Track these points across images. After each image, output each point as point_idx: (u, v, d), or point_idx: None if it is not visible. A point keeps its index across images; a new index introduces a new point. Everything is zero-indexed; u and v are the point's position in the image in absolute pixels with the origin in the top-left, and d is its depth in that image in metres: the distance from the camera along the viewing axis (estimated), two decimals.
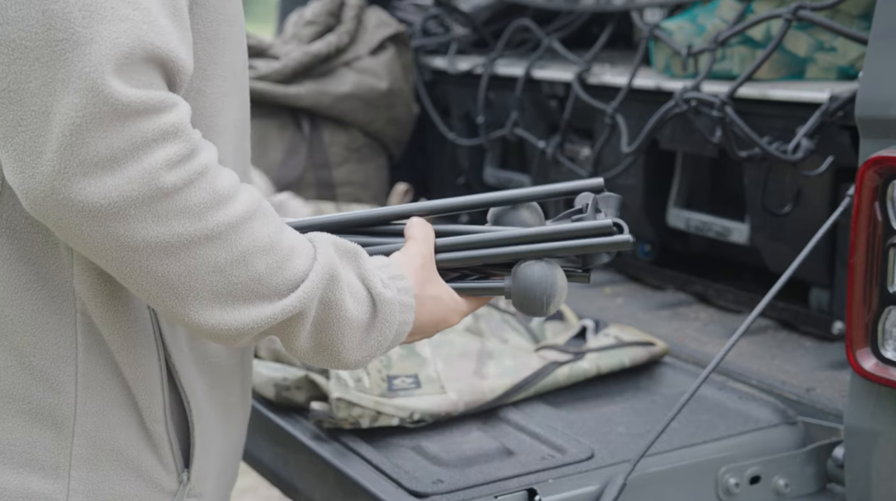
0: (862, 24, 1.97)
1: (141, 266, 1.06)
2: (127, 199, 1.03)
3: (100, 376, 1.20)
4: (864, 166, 1.46)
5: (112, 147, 1.01)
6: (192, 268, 1.08)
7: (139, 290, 1.09)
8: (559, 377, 1.82)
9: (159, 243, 1.05)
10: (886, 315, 1.48)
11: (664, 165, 2.35)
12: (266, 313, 1.13)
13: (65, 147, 1.01)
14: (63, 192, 1.02)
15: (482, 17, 2.87)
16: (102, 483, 1.22)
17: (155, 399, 1.23)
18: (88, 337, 1.19)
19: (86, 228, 1.04)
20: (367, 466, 1.57)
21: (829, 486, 1.67)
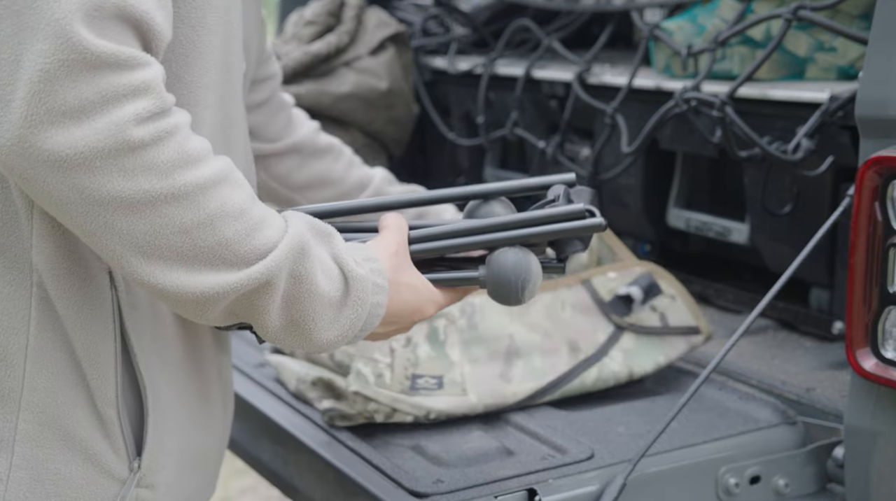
0: (862, 24, 1.97)
1: (105, 222, 1.05)
2: (93, 151, 1.02)
3: (51, 352, 1.18)
4: (864, 166, 1.46)
5: (80, 97, 1.01)
6: (157, 227, 1.06)
7: (103, 249, 1.08)
8: (586, 381, 1.80)
9: (124, 198, 1.04)
10: (886, 315, 1.48)
11: (664, 165, 2.35)
12: (231, 280, 1.10)
13: (32, 94, 1.00)
14: (30, 141, 1.01)
15: (482, 17, 2.87)
16: (47, 462, 1.20)
17: (107, 381, 1.21)
18: (42, 311, 1.17)
19: (51, 179, 1.02)
20: (367, 466, 1.57)
21: (829, 486, 1.67)
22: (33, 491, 1.19)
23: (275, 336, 1.19)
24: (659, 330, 1.87)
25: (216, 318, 1.15)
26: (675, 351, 1.88)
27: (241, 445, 1.91)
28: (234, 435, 1.92)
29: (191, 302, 1.11)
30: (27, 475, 1.19)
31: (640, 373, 1.84)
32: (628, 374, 1.83)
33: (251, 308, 1.15)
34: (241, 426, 1.89)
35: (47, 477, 1.20)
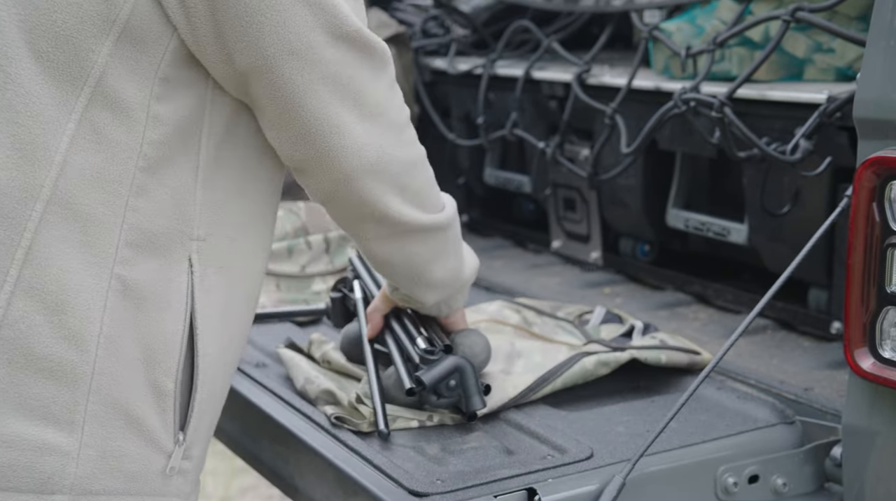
0: (860, 26, 1.97)
1: (409, 179, 1.46)
2: (402, 126, 1.45)
3: (121, 337, 1.30)
4: (861, 167, 1.47)
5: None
6: (423, 178, 1.51)
7: (384, 207, 1.45)
8: (587, 365, 1.81)
9: (421, 157, 1.50)
10: (884, 315, 1.48)
11: (663, 166, 2.35)
12: (438, 217, 1.54)
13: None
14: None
15: (482, 17, 2.87)
16: (111, 440, 1.31)
17: (171, 356, 1.33)
18: (118, 299, 1.30)
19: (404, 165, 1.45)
20: (367, 466, 1.58)
21: (827, 485, 1.68)
22: (99, 468, 1.30)
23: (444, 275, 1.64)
24: (658, 347, 1.90)
25: (441, 250, 1.58)
26: (677, 358, 1.89)
27: (242, 444, 1.91)
28: (234, 434, 1.93)
29: (431, 231, 1.53)
30: (95, 452, 1.30)
31: (642, 359, 1.86)
32: (629, 357, 1.85)
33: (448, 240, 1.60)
34: (241, 425, 1.90)
35: (111, 454, 1.31)
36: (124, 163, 1.30)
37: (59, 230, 1.28)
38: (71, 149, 1.28)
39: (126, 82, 1.28)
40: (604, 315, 2.09)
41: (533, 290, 2.40)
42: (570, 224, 2.63)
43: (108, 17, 1.26)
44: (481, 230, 2.97)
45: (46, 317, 1.27)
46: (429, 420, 1.70)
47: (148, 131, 1.30)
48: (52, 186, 1.27)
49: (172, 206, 1.33)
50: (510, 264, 2.66)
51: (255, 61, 1.30)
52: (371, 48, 1.37)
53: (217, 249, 1.38)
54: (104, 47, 1.27)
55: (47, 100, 1.27)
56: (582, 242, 2.61)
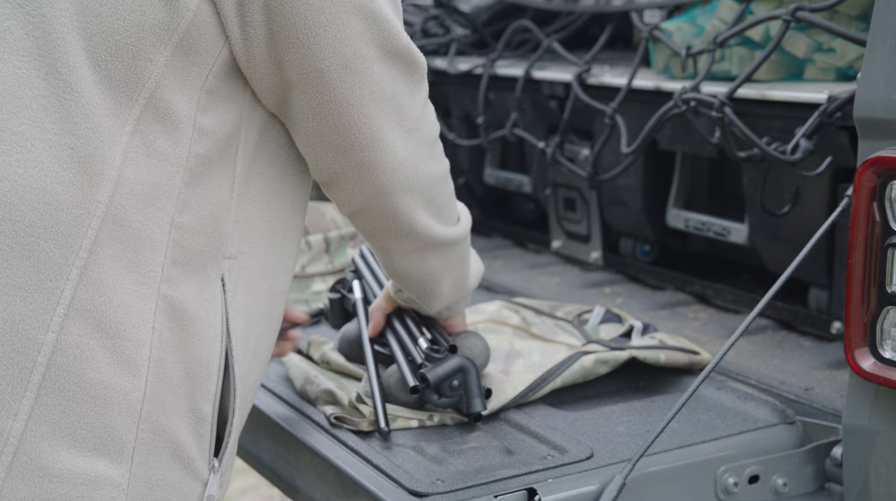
0: (860, 26, 1.97)
1: (434, 194, 1.47)
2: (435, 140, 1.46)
3: (167, 361, 1.25)
4: (862, 167, 1.47)
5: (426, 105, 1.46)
6: (446, 192, 1.51)
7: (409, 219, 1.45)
8: (586, 363, 1.81)
9: (445, 172, 1.50)
10: (885, 315, 1.48)
11: (663, 166, 2.35)
12: (456, 230, 1.56)
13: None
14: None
15: (482, 17, 2.87)
16: (157, 469, 1.26)
17: (210, 379, 1.29)
18: (164, 323, 1.25)
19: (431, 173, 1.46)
20: (367, 466, 1.58)
21: (828, 485, 1.68)
22: (146, 499, 1.25)
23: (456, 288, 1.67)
24: (657, 347, 1.90)
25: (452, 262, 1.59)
26: (675, 358, 1.89)
27: (242, 445, 1.91)
28: None
29: (449, 246, 1.55)
30: (143, 483, 1.25)
31: (640, 358, 1.86)
32: (629, 356, 1.85)
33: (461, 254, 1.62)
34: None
35: (157, 483, 1.26)
36: (171, 178, 1.25)
37: (112, 248, 1.22)
38: (125, 164, 1.23)
39: (176, 93, 1.24)
40: (603, 314, 2.09)
41: (533, 290, 2.40)
42: (570, 224, 2.63)
43: (169, 26, 1.22)
44: (481, 230, 2.96)
45: (100, 341, 1.21)
46: (429, 420, 1.70)
47: (194, 144, 1.26)
48: (108, 202, 1.22)
49: (212, 223, 1.30)
50: (510, 264, 2.66)
51: (308, 72, 1.30)
52: (414, 64, 1.38)
53: (246, 268, 1.34)
54: (161, 57, 1.23)
55: (104, 112, 1.22)
56: (582, 242, 2.61)
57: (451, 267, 1.61)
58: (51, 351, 1.19)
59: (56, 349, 1.19)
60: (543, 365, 1.80)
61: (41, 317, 1.19)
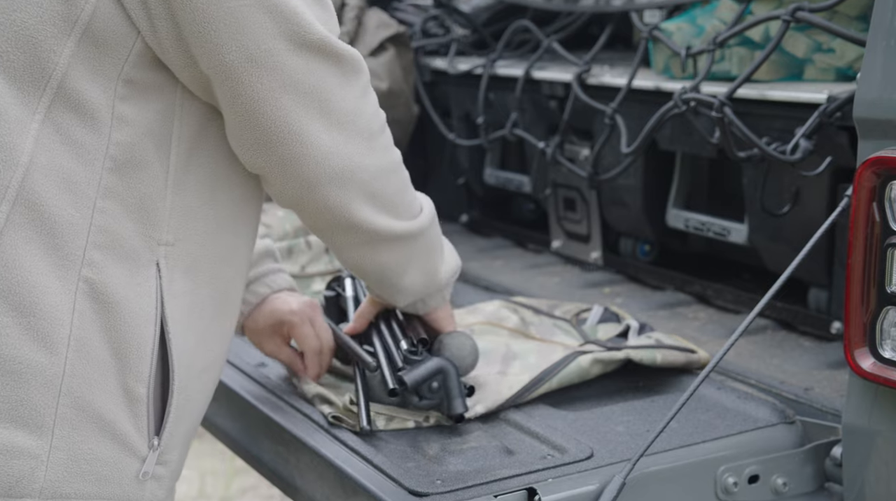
0: (860, 26, 1.98)
1: (382, 183, 1.45)
2: (380, 130, 1.45)
3: (91, 340, 1.30)
4: (862, 167, 1.47)
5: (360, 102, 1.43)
6: (397, 186, 1.49)
7: (353, 215, 1.44)
8: (582, 363, 1.81)
9: (393, 165, 1.48)
10: (884, 315, 1.48)
11: (663, 166, 2.35)
12: (413, 224, 1.53)
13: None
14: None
15: (482, 17, 2.87)
16: (82, 443, 1.30)
17: (143, 360, 1.33)
18: (86, 303, 1.29)
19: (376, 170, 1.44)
20: (367, 466, 1.58)
21: (828, 485, 1.68)
22: (70, 471, 1.29)
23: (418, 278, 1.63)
24: (654, 346, 1.89)
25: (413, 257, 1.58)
26: (672, 357, 1.88)
27: (242, 445, 1.91)
28: (234, 435, 1.93)
29: (403, 240, 1.52)
30: (65, 455, 1.29)
31: (637, 359, 1.85)
32: (625, 357, 1.85)
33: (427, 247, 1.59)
34: (241, 425, 1.90)
35: (82, 457, 1.30)
36: (91, 164, 1.29)
37: (25, 231, 1.27)
38: (36, 150, 1.27)
39: (88, 83, 1.28)
40: (601, 313, 2.09)
41: (533, 290, 2.40)
42: (570, 224, 2.63)
43: (69, 18, 1.26)
44: (481, 230, 2.97)
45: (14, 319, 1.26)
46: (425, 421, 1.70)
47: (114, 132, 1.30)
48: (18, 187, 1.26)
49: (141, 210, 1.32)
50: (510, 264, 2.66)
51: (216, 67, 1.30)
52: (338, 56, 1.36)
53: (186, 254, 1.37)
54: (66, 48, 1.27)
55: (10, 100, 1.27)
56: (582, 242, 2.61)
57: (413, 261, 1.59)
58: None
59: None
60: (540, 366, 1.80)
61: None
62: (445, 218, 2.98)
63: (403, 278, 1.61)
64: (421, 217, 1.57)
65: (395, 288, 1.64)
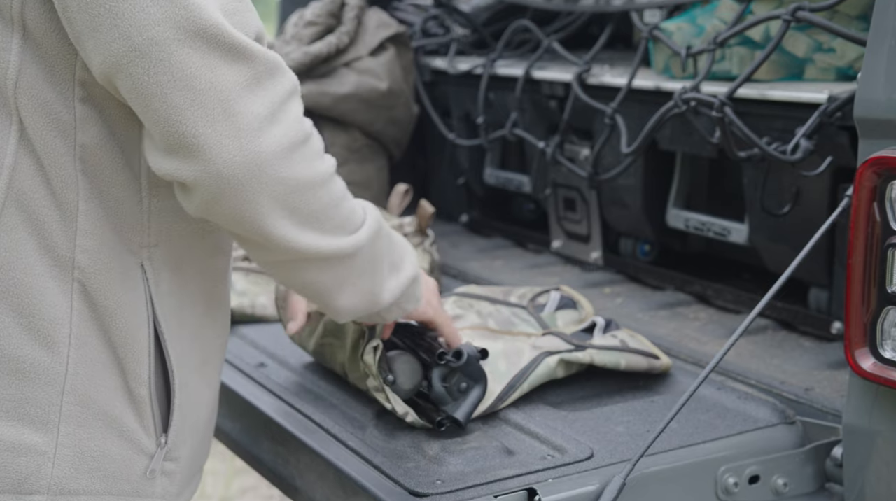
0: (860, 25, 1.97)
1: (294, 206, 1.27)
2: (291, 145, 1.25)
3: (91, 339, 1.30)
4: (862, 166, 1.47)
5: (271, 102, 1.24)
6: (324, 203, 1.31)
7: (271, 234, 1.27)
8: (551, 363, 1.80)
9: (313, 180, 1.28)
10: (885, 315, 1.48)
11: (663, 166, 2.35)
12: (351, 241, 1.36)
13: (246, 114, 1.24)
14: (256, 153, 1.24)
15: (482, 17, 2.87)
16: (88, 440, 1.31)
17: (141, 363, 1.33)
18: (82, 303, 1.30)
19: (266, 181, 1.24)
20: (367, 466, 1.58)
21: (828, 485, 1.68)
22: (77, 467, 1.30)
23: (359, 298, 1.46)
24: (618, 348, 1.88)
25: (348, 277, 1.40)
26: (636, 362, 1.87)
27: (242, 445, 1.91)
28: (234, 435, 1.93)
29: (333, 259, 1.35)
30: (72, 452, 1.30)
31: (600, 363, 1.84)
32: (590, 360, 1.83)
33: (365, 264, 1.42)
34: (241, 426, 1.90)
35: (89, 454, 1.31)
36: (64, 167, 1.28)
37: (18, 233, 1.27)
38: (19, 152, 1.27)
39: (44, 83, 1.26)
40: (559, 300, 2.07)
41: None
42: (570, 224, 2.63)
43: (3, 17, 1.25)
44: (481, 230, 2.96)
45: (15, 320, 1.27)
46: (404, 416, 1.69)
47: (79, 134, 1.28)
48: (6, 189, 1.27)
49: (119, 213, 1.31)
50: (510, 264, 2.66)
51: (106, 62, 1.20)
52: (241, 52, 1.21)
53: (171, 254, 1.36)
54: (14, 46, 1.25)
55: None
56: (582, 242, 2.61)
57: (345, 283, 1.41)
58: None
59: None
60: (510, 373, 1.78)
61: None
62: (445, 218, 3.00)
63: (336, 300, 1.43)
64: (358, 233, 1.38)
65: (329, 308, 1.46)
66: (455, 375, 1.67)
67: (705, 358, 1.94)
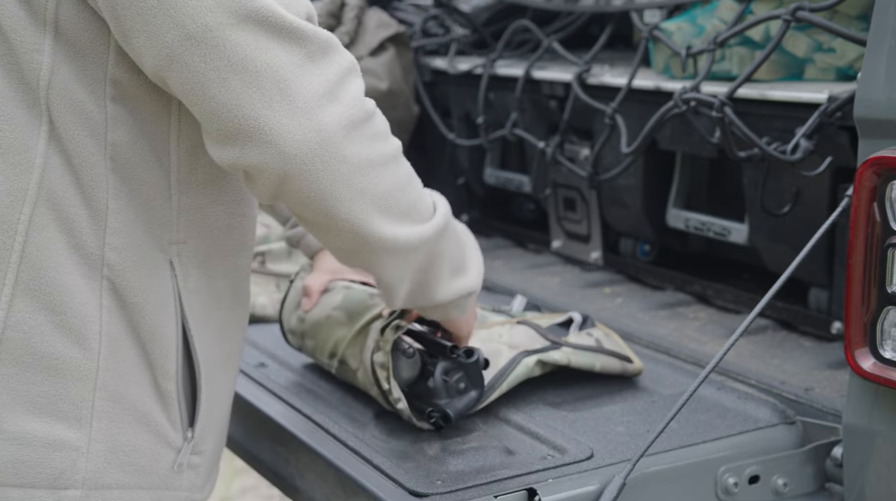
0: (860, 25, 1.97)
1: (361, 187, 1.28)
2: (351, 123, 1.26)
3: (121, 336, 1.32)
4: (862, 166, 1.47)
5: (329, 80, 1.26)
6: (389, 185, 1.30)
7: (347, 215, 1.29)
8: (529, 363, 1.79)
9: (373, 160, 1.28)
10: (885, 315, 1.48)
11: (663, 165, 2.35)
12: (421, 231, 1.37)
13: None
14: (322, 131, 1.25)
15: (482, 17, 2.87)
16: (120, 435, 1.33)
17: (169, 359, 1.36)
18: (111, 300, 1.32)
19: (331, 160, 1.25)
20: (367, 466, 1.58)
21: (828, 485, 1.68)
22: (110, 462, 1.33)
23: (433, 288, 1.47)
24: (594, 349, 1.87)
25: (407, 270, 1.40)
26: (610, 365, 1.86)
27: (242, 445, 1.91)
28: (234, 435, 1.93)
29: (401, 252, 1.35)
30: (104, 447, 1.32)
31: (576, 365, 1.83)
32: (567, 362, 1.83)
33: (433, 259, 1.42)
34: (241, 425, 1.90)
35: (121, 449, 1.34)
36: (95, 166, 1.29)
37: (48, 232, 1.28)
38: (49, 151, 1.28)
39: (76, 83, 1.27)
40: (525, 304, 2.07)
41: (533, 290, 2.40)
42: (570, 224, 2.63)
43: (37, 17, 1.25)
44: (481, 230, 2.96)
45: (47, 317, 1.29)
46: (388, 404, 1.69)
47: (110, 133, 1.29)
48: (37, 189, 1.28)
49: (149, 210, 1.33)
50: (510, 264, 2.66)
51: (158, 54, 1.21)
52: (293, 33, 1.22)
53: (199, 251, 1.38)
54: (46, 47, 1.26)
55: (17, 103, 1.27)
56: (582, 242, 2.61)
57: (407, 275, 1.42)
58: (2, 327, 1.28)
59: (7, 325, 1.28)
60: (488, 374, 1.76)
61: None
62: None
63: (398, 289, 1.45)
64: (426, 225, 1.38)
65: (386, 294, 1.48)
66: (458, 373, 1.67)
67: (705, 358, 1.94)
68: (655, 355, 2.01)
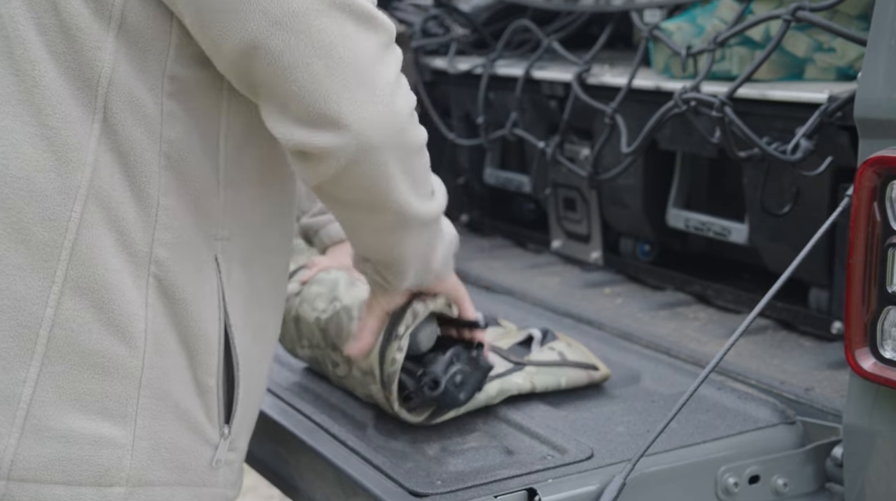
0: (861, 25, 1.97)
1: (409, 167, 1.35)
2: (411, 107, 1.33)
3: (165, 333, 1.34)
4: (862, 166, 1.47)
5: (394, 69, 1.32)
6: (424, 165, 1.39)
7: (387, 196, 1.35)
8: (490, 392, 1.74)
9: (421, 142, 1.37)
10: (885, 315, 1.48)
11: (663, 165, 2.35)
12: (436, 205, 1.46)
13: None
14: (393, 113, 1.31)
15: (482, 17, 2.87)
16: (162, 432, 1.35)
17: (211, 353, 1.37)
18: (157, 298, 1.33)
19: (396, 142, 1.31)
20: (367, 466, 1.58)
21: (828, 485, 1.68)
22: (153, 459, 1.34)
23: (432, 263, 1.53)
24: (558, 363, 1.85)
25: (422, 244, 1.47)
26: (576, 378, 1.84)
27: None
28: None
29: (430, 224, 1.45)
30: (148, 444, 1.34)
31: (541, 387, 1.80)
32: (531, 387, 1.79)
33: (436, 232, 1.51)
34: None
35: (163, 446, 1.35)
36: (148, 163, 1.31)
37: (98, 229, 1.29)
38: (100, 149, 1.29)
39: (135, 79, 1.29)
40: (482, 319, 2.04)
41: (533, 290, 2.40)
42: (570, 224, 2.63)
43: (103, 13, 1.27)
44: (481, 230, 2.96)
45: (95, 315, 1.30)
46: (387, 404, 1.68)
47: (165, 130, 1.31)
48: (88, 187, 1.29)
49: (197, 206, 1.34)
50: (510, 264, 2.66)
51: (242, 41, 1.23)
52: (372, 20, 1.27)
53: (241, 248, 1.40)
54: (108, 44, 1.27)
55: (72, 101, 1.28)
56: (582, 242, 2.61)
57: (430, 244, 1.50)
58: (51, 325, 1.29)
59: (55, 322, 1.29)
60: None
61: (39, 294, 1.29)
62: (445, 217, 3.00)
63: (433, 261, 1.52)
64: (437, 197, 1.48)
65: (427, 270, 1.53)
66: (464, 367, 1.65)
67: (705, 358, 1.94)
68: (655, 355, 2.01)
